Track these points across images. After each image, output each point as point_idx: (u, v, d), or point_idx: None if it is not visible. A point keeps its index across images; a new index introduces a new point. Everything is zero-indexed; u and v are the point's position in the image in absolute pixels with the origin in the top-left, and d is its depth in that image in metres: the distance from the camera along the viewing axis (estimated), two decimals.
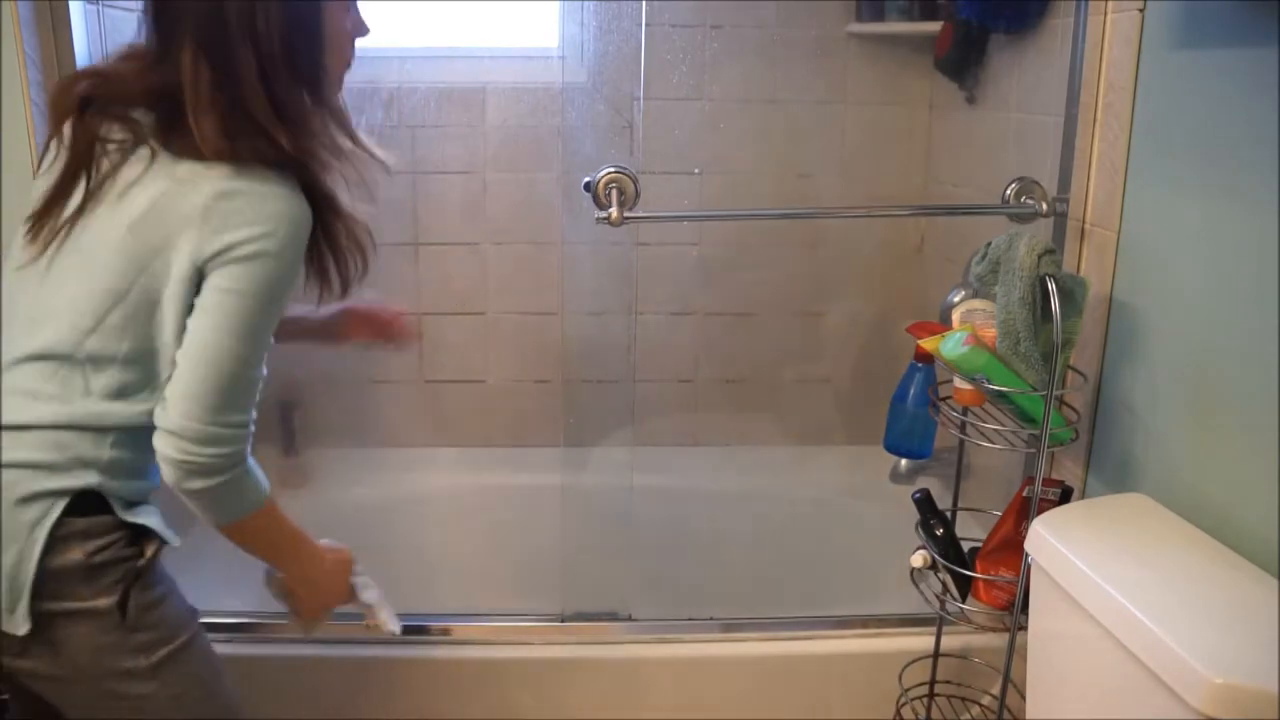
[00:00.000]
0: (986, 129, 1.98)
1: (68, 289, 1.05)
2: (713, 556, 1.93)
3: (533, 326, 2.35)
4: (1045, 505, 1.35)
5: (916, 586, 1.56)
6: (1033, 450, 1.41)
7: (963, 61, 1.99)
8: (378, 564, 1.16)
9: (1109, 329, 1.46)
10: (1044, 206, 1.57)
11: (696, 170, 2.27)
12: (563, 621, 1.76)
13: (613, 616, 1.77)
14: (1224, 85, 1.21)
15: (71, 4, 1.49)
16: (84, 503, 1.04)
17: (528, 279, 2.32)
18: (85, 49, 1.55)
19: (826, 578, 2.17)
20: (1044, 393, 1.33)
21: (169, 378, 1.05)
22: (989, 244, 1.43)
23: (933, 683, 1.68)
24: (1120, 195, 1.43)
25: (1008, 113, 1.88)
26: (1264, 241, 1.12)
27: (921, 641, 1.69)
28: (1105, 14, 1.45)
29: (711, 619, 1.77)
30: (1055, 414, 1.36)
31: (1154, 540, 1.19)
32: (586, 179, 1.61)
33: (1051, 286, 1.30)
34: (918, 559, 1.53)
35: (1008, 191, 1.63)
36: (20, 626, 1.02)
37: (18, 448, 1.03)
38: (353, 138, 1.15)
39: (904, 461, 2.07)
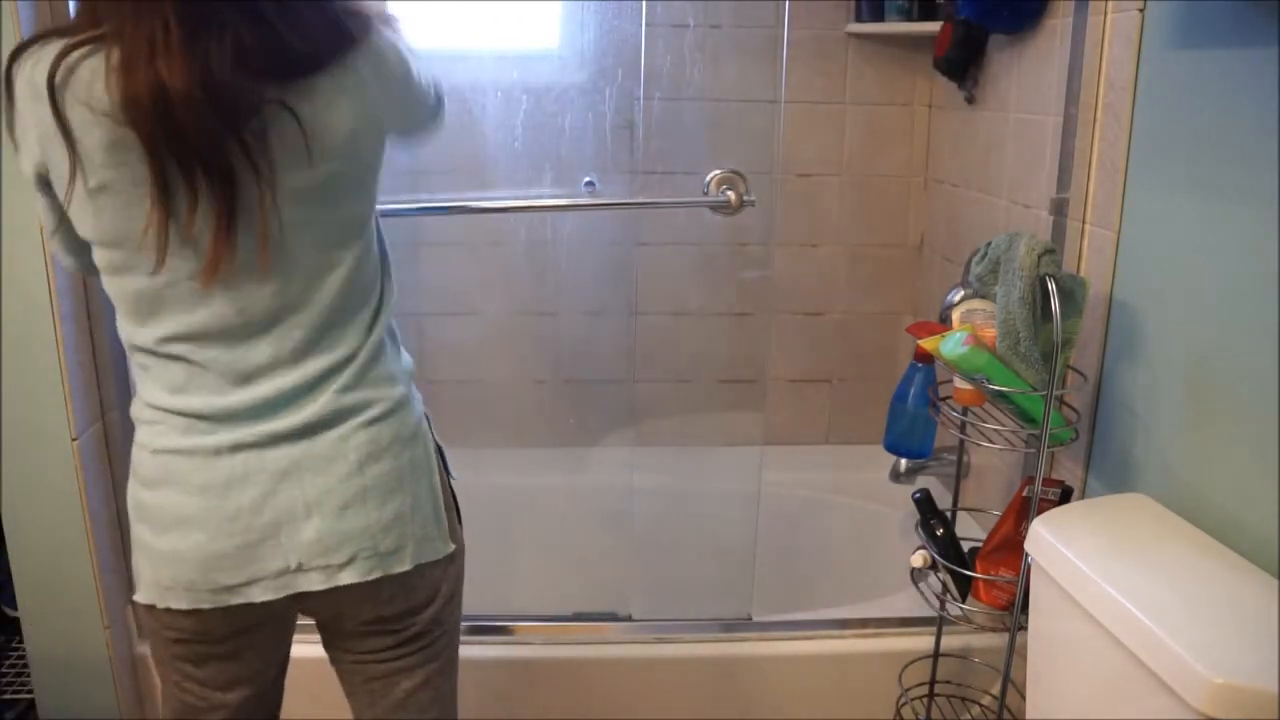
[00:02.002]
0: (986, 129, 1.99)
1: (318, 271, 0.99)
2: (713, 556, 1.93)
3: (533, 326, 2.35)
4: (1045, 505, 1.35)
5: (916, 586, 1.57)
6: (1033, 450, 1.41)
7: (962, 61, 1.99)
8: None
9: (1109, 329, 1.46)
10: (733, 198, 1.57)
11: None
12: (562, 621, 1.76)
13: (613, 616, 1.77)
14: (1224, 85, 1.21)
15: (71, 4, 1.48)
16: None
17: (527, 279, 2.32)
18: None
19: (826, 578, 2.17)
20: (1044, 393, 1.33)
21: None
22: (989, 244, 1.43)
23: (933, 683, 1.69)
24: (1120, 195, 1.43)
25: (1007, 113, 1.88)
26: (1264, 241, 1.12)
27: (921, 641, 1.69)
28: (1105, 14, 1.45)
29: (711, 619, 1.77)
30: (1055, 414, 1.36)
31: (1154, 540, 1.19)
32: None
33: (1051, 286, 1.30)
34: (918, 559, 1.53)
35: (709, 179, 1.63)
36: (449, 545, 1.09)
37: (374, 404, 1.04)
38: None
39: (904, 461, 2.07)
